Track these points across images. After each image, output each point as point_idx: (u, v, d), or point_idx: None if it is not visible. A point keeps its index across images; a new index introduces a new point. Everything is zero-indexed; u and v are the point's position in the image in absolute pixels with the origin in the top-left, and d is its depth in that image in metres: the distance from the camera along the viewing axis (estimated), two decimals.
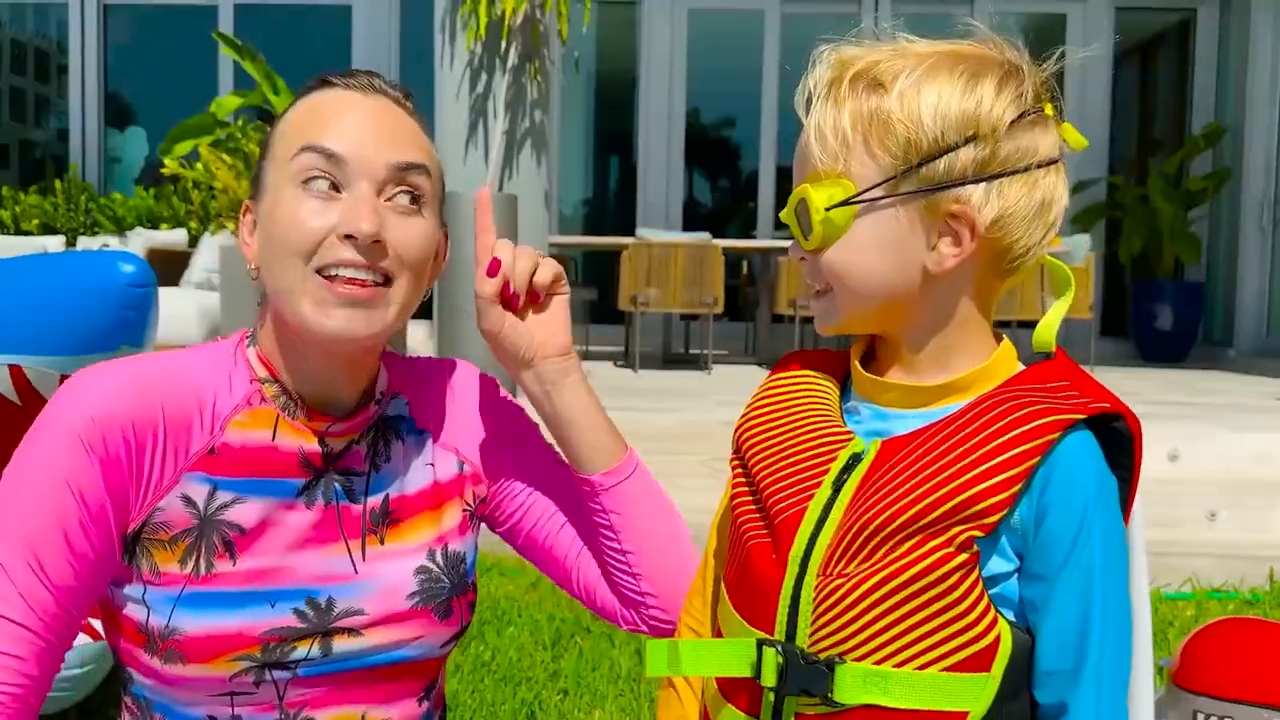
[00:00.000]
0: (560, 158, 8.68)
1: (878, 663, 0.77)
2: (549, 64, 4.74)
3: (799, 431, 0.85)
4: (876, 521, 0.77)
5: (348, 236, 0.95)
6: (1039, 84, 0.84)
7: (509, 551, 1.22)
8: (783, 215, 0.88)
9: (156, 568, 0.98)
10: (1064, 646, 0.77)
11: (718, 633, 0.89)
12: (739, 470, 0.89)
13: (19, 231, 8.13)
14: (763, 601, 0.81)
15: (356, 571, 1.03)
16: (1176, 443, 4.18)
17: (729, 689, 0.85)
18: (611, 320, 7.99)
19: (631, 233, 6.67)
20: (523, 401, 1.18)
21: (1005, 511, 0.76)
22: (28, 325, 1.90)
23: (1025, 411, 0.77)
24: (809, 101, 0.85)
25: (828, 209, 0.81)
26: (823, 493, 0.81)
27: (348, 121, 0.98)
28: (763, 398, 0.91)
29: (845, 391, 0.90)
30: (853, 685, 0.77)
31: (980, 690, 0.77)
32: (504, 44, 4.55)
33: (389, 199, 0.98)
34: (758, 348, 7.66)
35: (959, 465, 0.77)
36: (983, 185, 0.79)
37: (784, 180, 9.21)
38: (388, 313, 0.98)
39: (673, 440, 4.20)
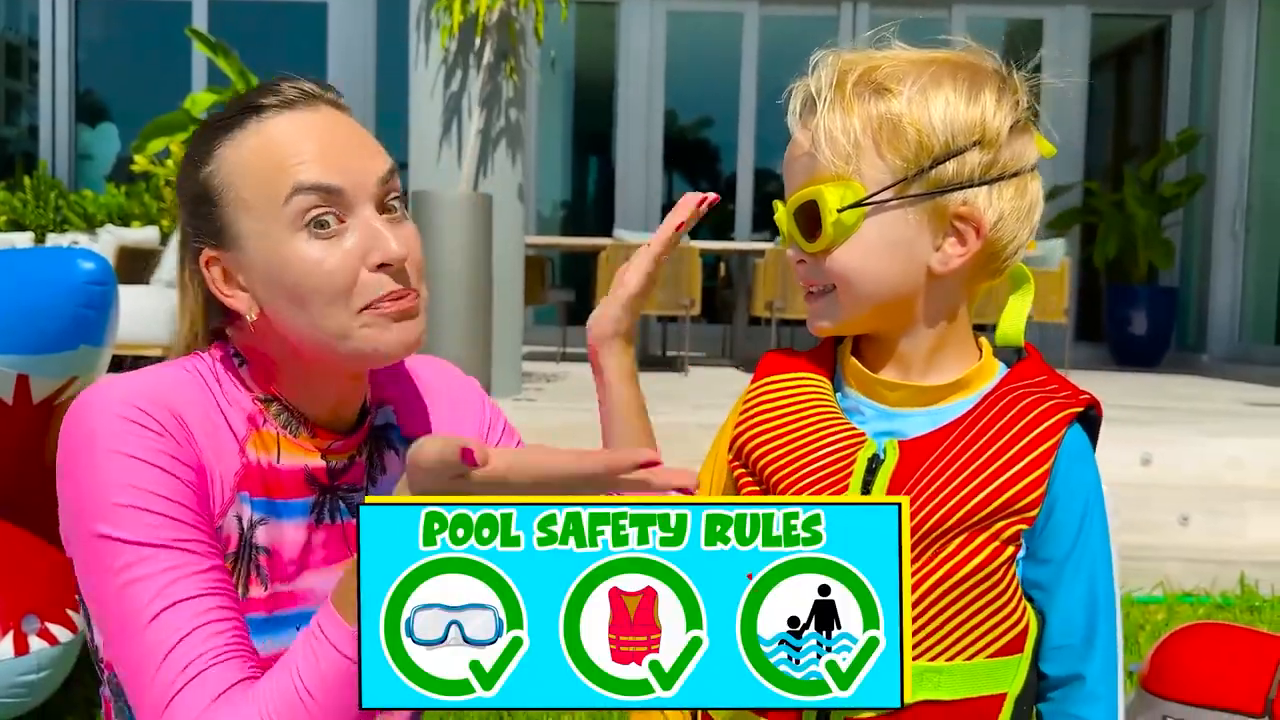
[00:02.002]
0: (538, 158, 8.65)
1: (932, 659, 0.80)
2: (525, 62, 4.72)
3: (809, 435, 0.86)
4: (925, 524, 0.79)
5: (381, 265, 0.93)
6: (1023, 92, 0.88)
7: None
8: (781, 217, 0.87)
9: None
10: (1073, 622, 0.83)
11: None
12: (746, 477, 0.89)
13: (16, 228, 8.02)
14: None
15: None
16: (1149, 447, 4.20)
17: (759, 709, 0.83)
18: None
19: (609, 233, 6.64)
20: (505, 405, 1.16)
21: (1042, 503, 0.80)
22: (24, 325, 1.86)
23: (1039, 410, 0.83)
24: (808, 105, 0.85)
25: (840, 209, 0.81)
26: (851, 496, 0.81)
27: (324, 148, 0.93)
28: (760, 400, 0.91)
29: (835, 390, 0.91)
30: (912, 684, 0.76)
31: (1016, 670, 0.82)
32: (479, 41, 4.52)
33: (385, 212, 0.96)
34: (735, 350, 7.66)
35: (997, 464, 0.80)
36: (985, 188, 0.82)
37: (762, 182, 9.21)
38: (424, 317, 0.99)
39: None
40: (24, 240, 7.64)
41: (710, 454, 0.98)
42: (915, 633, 0.79)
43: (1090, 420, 0.87)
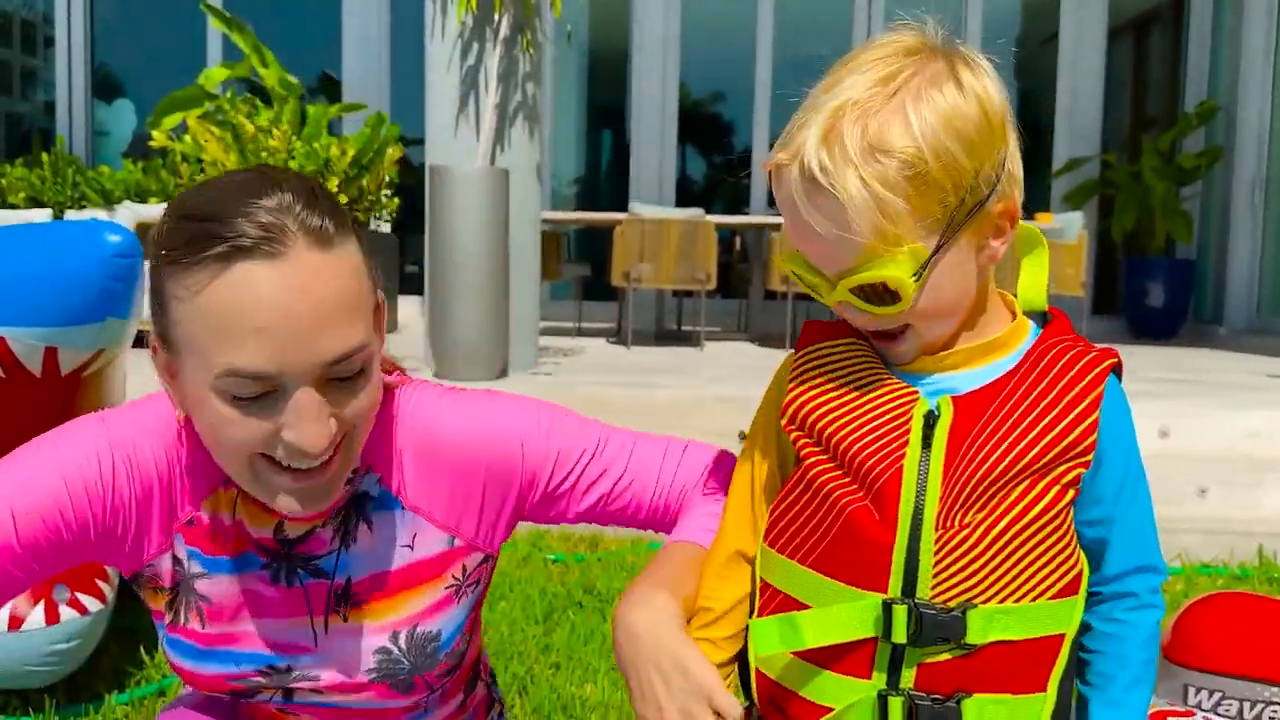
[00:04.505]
0: (553, 132, 8.62)
1: (1001, 601, 0.83)
2: (541, 36, 4.70)
3: (865, 394, 0.88)
4: (991, 473, 0.83)
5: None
6: (961, 45, 0.85)
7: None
8: (837, 298, 0.84)
9: (149, 605, 1.04)
10: (1130, 549, 0.89)
11: (789, 604, 0.88)
12: (805, 440, 0.89)
13: (5, 204, 8.06)
14: (870, 563, 0.84)
15: (316, 646, 1.04)
16: (1167, 419, 4.19)
17: (826, 657, 0.85)
18: (604, 297, 7.97)
19: (624, 208, 6.63)
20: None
21: (1096, 445, 0.84)
22: (11, 296, 1.88)
23: (1083, 362, 0.87)
24: (812, 183, 0.80)
25: (914, 276, 0.80)
26: (913, 451, 0.85)
27: (269, 328, 0.85)
28: (811, 366, 0.92)
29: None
30: (982, 626, 0.83)
31: (1073, 611, 0.86)
32: (496, 16, 4.50)
33: (330, 379, 0.90)
34: (750, 325, 7.65)
35: (1053, 412, 0.84)
36: (1005, 169, 0.82)
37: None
38: (343, 476, 0.95)
39: (664, 416, 4.18)
40: (43, 216, 7.68)
41: (754, 430, 0.98)
42: (985, 578, 0.83)
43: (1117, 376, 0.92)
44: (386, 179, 6.43)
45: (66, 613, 2.00)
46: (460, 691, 1.19)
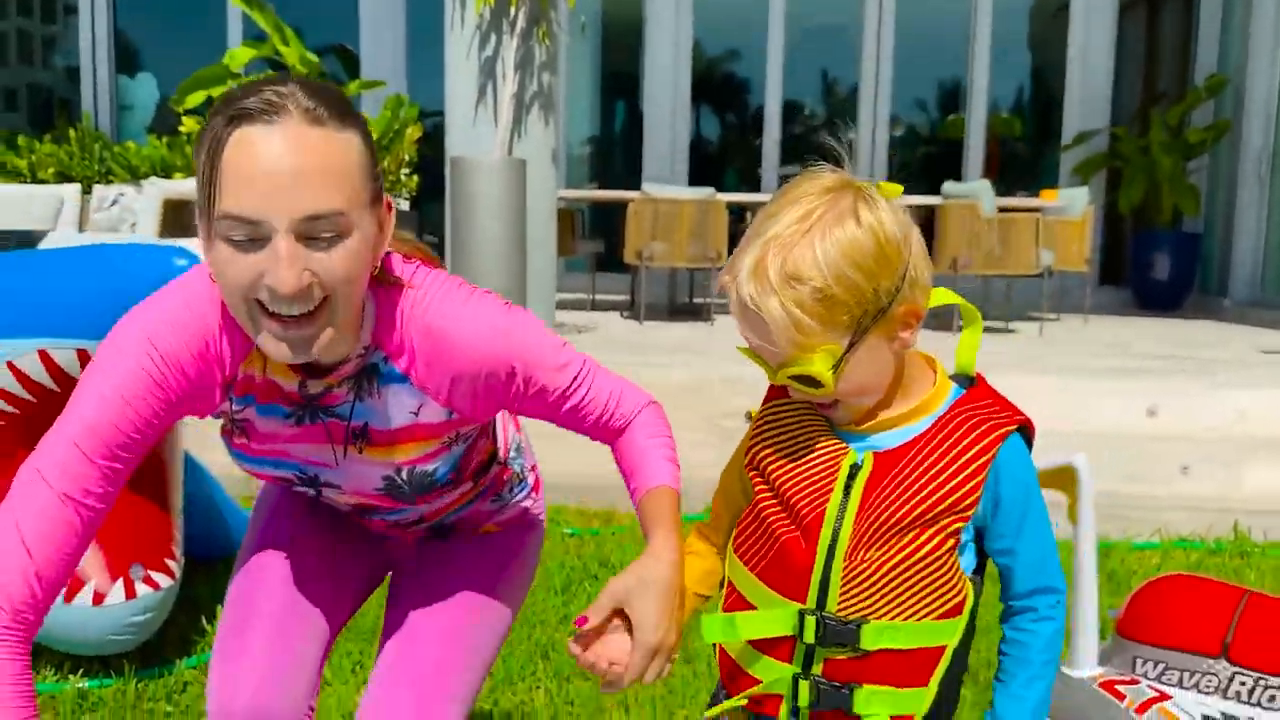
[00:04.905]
0: (567, 107, 8.76)
1: (891, 619, 1.05)
2: (557, 27, 4.86)
3: (805, 447, 1.11)
4: (890, 519, 1.04)
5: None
6: (869, 182, 1.06)
7: None
8: (778, 380, 1.07)
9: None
10: (1028, 575, 1.09)
11: (740, 602, 1.13)
12: (758, 480, 1.14)
13: (35, 179, 8.28)
14: (795, 580, 1.07)
15: (336, 465, 1.31)
16: (1159, 398, 4.37)
17: (764, 646, 1.10)
18: (619, 269, 8.16)
19: (638, 173, 6.79)
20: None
21: (979, 504, 1.04)
22: (92, 313, 2.12)
23: (978, 432, 1.06)
24: (747, 308, 1.02)
25: (832, 369, 1.02)
26: (836, 495, 1.06)
27: (256, 178, 1.03)
28: (768, 421, 1.15)
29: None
30: (874, 637, 1.05)
31: (956, 628, 1.07)
32: (513, 9, 4.66)
33: (309, 237, 1.06)
34: None
35: (945, 474, 1.04)
36: (906, 279, 1.02)
37: (789, 126, 9.30)
38: (331, 326, 1.11)
39: (676, 395, 4.39)
40: (72, 191, 7.90)
41: (731, 462, 1.22)
42: (878, 601, 1.05)
43: (1026, 432, 1.10)
44: (406, 158, 6.62)
45: (142, 589, 2.25)
46: (470, 480, 1.44)
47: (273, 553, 1.46)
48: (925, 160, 9.69)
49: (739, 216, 8.50)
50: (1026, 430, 1.10)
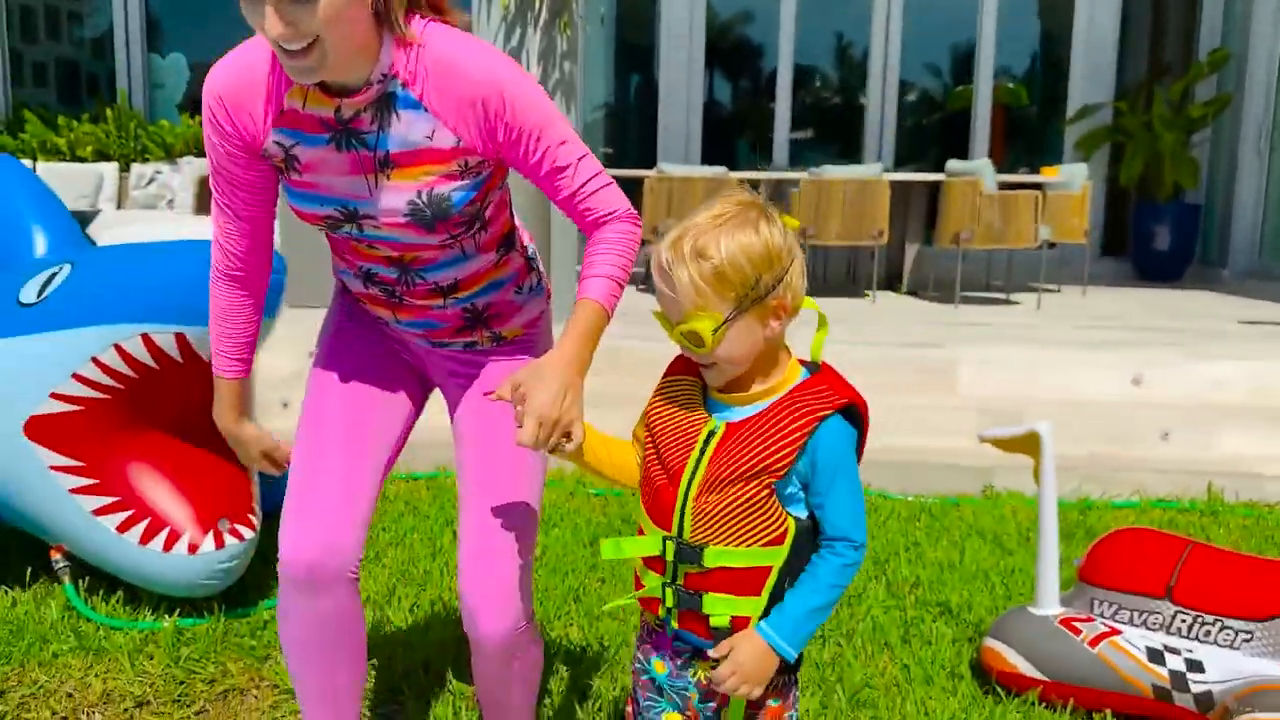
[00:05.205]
0: (585, 82, 8.98)
1: (725, 545, 1.36)
2: (577, 18, 5.13)
3: (680, 414, 1.44)
4: (724, 472, 1.35)
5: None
6: (775, 210, 1.38)
7: (550, 465, 1.76)
8: (674, 337, 1.38)
9: (279, 175, 1.62)
10: (838, 523, 1.37)
11: (640, 529, 1.48)
12: (648, 437, 1.47)
13: (75, 158, 8.60)
14: (664, 514, 1.41)
15: (370, 194, 1.55)
16: (1141, 368, 4.66)
17: (649, 563, 1.44)
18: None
19: (652, 164, 7.07)
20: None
21: (789, 469, 1.34)
22: (187, 300, 2.44)
23: (800, 411, 1.35)
24: (663, 269, 1.35)
25: (713, 331, 1.34)
26: (695, 454, 1.39)
27: None
28: (662, 390, 1.49)
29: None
30: (713, 558, 1.37)
31: (779, 554, 1.36)
32: (536, 1, 4.93)
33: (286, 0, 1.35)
34: None
35: (768, 443, 1.35)
36: (781, 282, 1.34)
37: (799, 100, 9.52)
38: (326, 55, 1.38)
39: None
40: (110, 170, 8.22)
41: (640, 419, 1.55)
42: (717, 531, 1.37)
43: (853, 411, 1.38)
44: None
45: (229, 540, 2.60)
46: (493, 250, 1.69)
47: (328, 392, 1.75)
48: (933, 128, 9.89)
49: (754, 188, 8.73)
50: (854, 410, 1.38)
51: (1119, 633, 2.30)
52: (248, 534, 2.63)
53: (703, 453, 1.38)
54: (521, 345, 1.81)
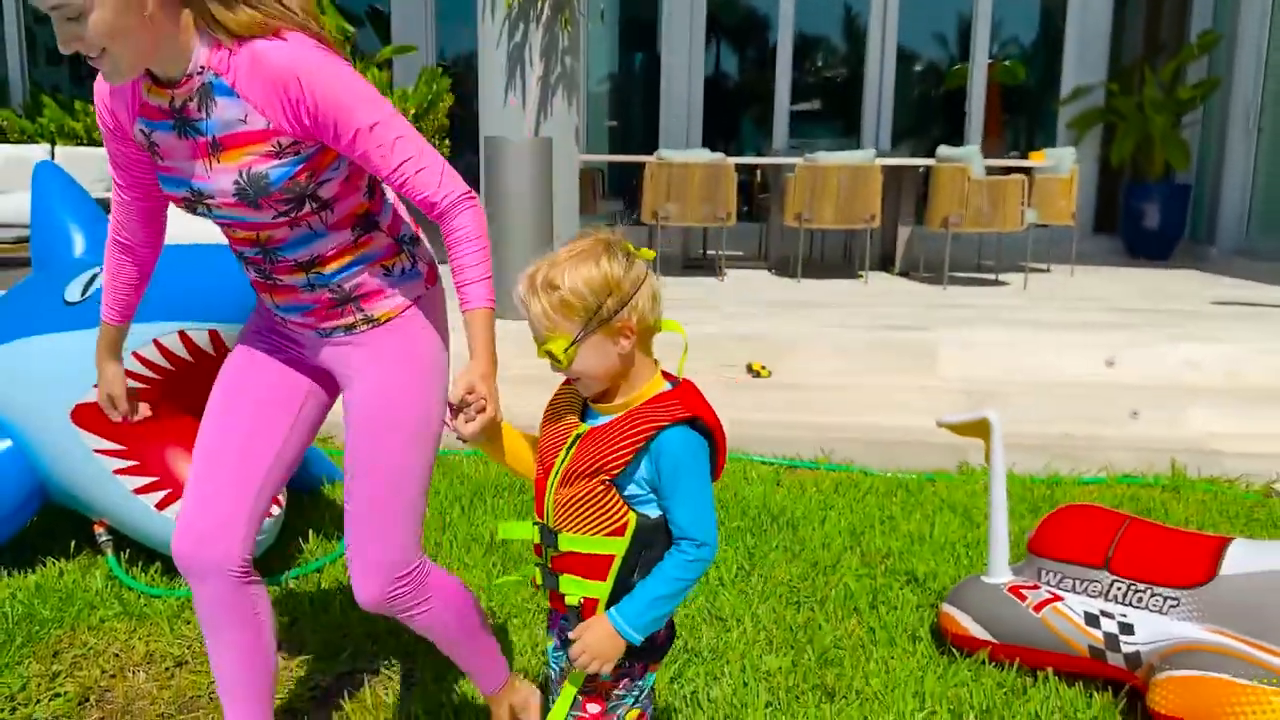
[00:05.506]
0: (588, 69, 9.16)
1: (573, 532, 1.53)
2: (578, 14, 5.33)
3: (560, 420, 1.61)
4: (574, 469, 1.53)
5: None
6: (626, 244, 1.56)
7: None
8: (539, 354, 1.57)
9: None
10: (682, 523, 1.50)
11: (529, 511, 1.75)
12: (540, 436, 1.64)
13: (91, 141, 8.83)
14: (540, 503, 1.59)
15: (209, 177, 1.71)
16: (1118, 350, 4.89)
17: (536, 547, 1.61)
18: (637, 223, 8.67)
19: (653, 150, 7.27)
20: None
21: (622, 471, 1.50)
22: (222, 300, 2.69)
23: (643, 421, 1.51)
24: (523, 299, 1.52)
25: (565, 349, 1.52)
26: (562, 453, 1.57)
27: None
28: (553, 401, 1.68)
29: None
30: (566, 543, 1.55)
31: (620, 545, 1.51)
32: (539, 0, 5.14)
33: (68, 18, 1.51)
34: (770, 251, 8.33)
35: (609, 447, 1.51)
36: (625, 307, 1.51)
37: (799, 79, 9.68)
38: (118, 60, 1.56)
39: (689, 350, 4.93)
40: None
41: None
42: (567, 520, 1.54)
43: (699, 423, 1.52)
44: (438, 126, 7.12)
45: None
46: (348, 229, 1.80)
47: (222, 394, 1.92)
48: (930, 107, 10.05)
49: (752, 170, 8.93)
50: (700, 422, 1.52)
51: (1061, 599, 2.54)
52: (275, 510, 2.89)
53: (568, 452, 1.56)
54: (398, 330, 1.88)
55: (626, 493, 1.53)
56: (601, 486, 1.52)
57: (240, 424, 1.89)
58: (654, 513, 1.53)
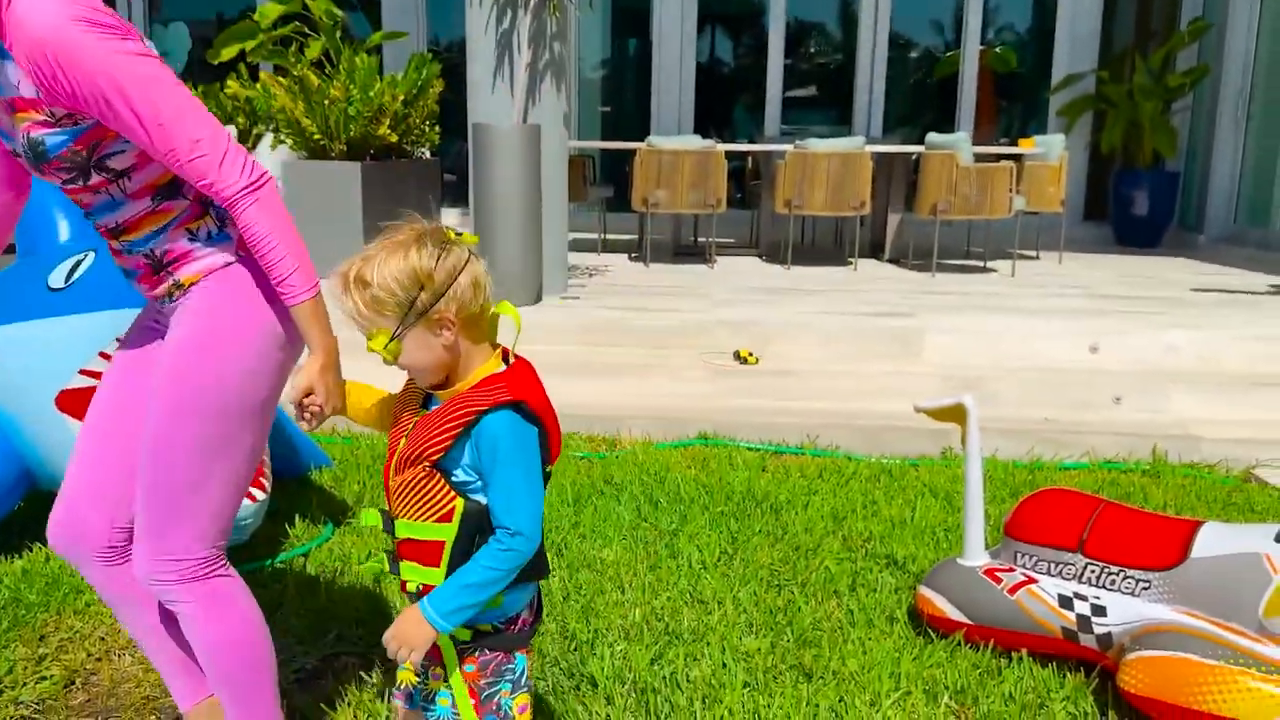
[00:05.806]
0: (579, 55, 9.15)
1: (407, 519, 1.53)
2: (567, 1, 5.33)
3: (405, 408, 1.61)
4: (403, 455, 1.53)
5: None
6: (444, 233, 1.53)
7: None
8: (369, 350, 1.50)
9: None
10: (500, 511, 1.48)
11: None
12: (390, 426, 1.64)
13: None
14: (386, 490, 1.59)
15: (13, 135, 1.67)
16: (1100, 337, 4.93)
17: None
18: (627, 209, 8.69)
19: (644, 137, 7.28)
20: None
21: (441, 456, 1.49)
22: None
23: (466, 405, 1.49)
24: (336, 292, 1.50)
25: (386, 345, 1.49)
26: (402, 440, 1.56)
27: None
28: (402, 389, 1.65)
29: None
30: (401, 529, 1.55)
31: (449, 531, 1.50)
32: None
33: None
34: (760, 238, 8.35)
35: (431, 432, 1.50)
36: (442, 298, 1.49)
37: (791, 66, 9.69)
38: None
39: (678, 336, 4.96)
40: None
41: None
42: (400, 506, 1.54)
43: (522, 407, 1.49)
44: (428, 112, 7.11)
45: (242, 500, 2.88)
46: (147, 198, 1.73)
47: (102, 386, 1.92)
48: (923, 93, 10.07)
49: (744, 156, 8.94)
50: (523, 405, 1.49)
51: (1035, 581, 2.58)
52: (260, 495, 2.91)
53: (405, 439, 1.56)
54: (200, 295, 1.78)
55: (456, 479, 1.51)
56: (424, 473, 1.51)
57: (106, 413, 1.89)
58: (484, 500, 1.51)
